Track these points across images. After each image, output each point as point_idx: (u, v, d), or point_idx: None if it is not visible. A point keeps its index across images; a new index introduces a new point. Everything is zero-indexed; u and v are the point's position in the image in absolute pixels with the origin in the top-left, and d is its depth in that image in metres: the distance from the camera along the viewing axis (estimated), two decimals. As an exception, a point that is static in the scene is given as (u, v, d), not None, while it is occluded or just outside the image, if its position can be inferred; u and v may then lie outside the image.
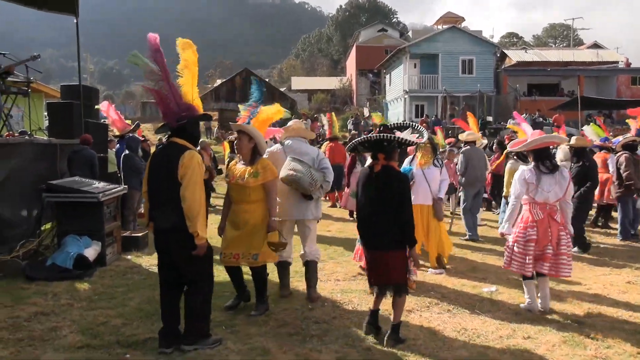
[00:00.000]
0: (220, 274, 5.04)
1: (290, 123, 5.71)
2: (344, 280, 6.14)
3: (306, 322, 4.72)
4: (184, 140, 3.98)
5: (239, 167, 4.87)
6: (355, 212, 10.75)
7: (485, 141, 8.09)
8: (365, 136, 4.61)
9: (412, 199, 6.72)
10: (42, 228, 7.42)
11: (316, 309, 5.07)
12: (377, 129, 4.52)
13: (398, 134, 4.60)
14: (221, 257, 4.87)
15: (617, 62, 35.67)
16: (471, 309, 5.12)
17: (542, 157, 5.04)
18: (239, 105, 5.54)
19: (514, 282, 6.01)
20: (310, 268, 5.44)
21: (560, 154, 8.57)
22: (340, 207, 12.09)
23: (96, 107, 10.61)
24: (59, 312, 4.94)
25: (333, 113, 15.65)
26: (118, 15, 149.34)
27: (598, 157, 9.37)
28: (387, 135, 4.28)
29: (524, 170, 5.07)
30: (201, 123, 5.46)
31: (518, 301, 5.35)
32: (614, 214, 9.92)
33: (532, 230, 4.94)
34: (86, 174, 8.38)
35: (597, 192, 8.86)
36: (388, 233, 4.16)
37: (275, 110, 5.43)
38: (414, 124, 4.93)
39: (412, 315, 4.94)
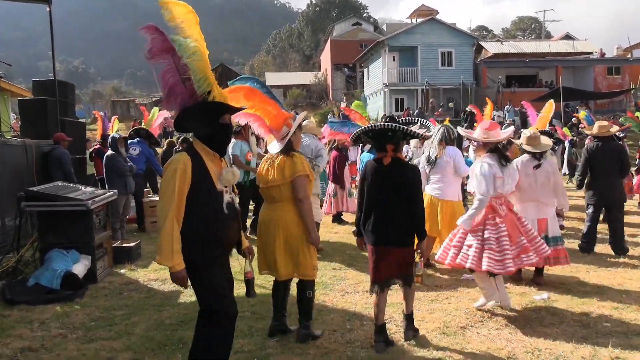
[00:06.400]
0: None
1: (305, 122, 6.59)
2: (374, 291, 5.41)
3: (351, 347, 4.02)
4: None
5: None
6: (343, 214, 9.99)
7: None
8: (370, 125, 4.22)
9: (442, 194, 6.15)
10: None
11: (355, 330, 4.36)
12: (383, 119, 4.23)
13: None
14: None
15: (591, 53, 35.88)
16: (531, 323, 4.49)
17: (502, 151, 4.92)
18: None
19: (562, 288, 5.44)
20: None
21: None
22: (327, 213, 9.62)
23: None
24: (50, 346, 4.10)
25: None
26: (82, 14, 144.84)
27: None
28: (393, 125, 3.91)
29: (491, 164, 4.66)
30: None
31: (579, 310, 4.76)
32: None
33: (502, 225, 4.63)
34: (58, 174, 7.61)
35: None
36: (402, 227, 3.91)
37: None
38: (423, 120, 5.06)
39: (469, 333, 4.27)
